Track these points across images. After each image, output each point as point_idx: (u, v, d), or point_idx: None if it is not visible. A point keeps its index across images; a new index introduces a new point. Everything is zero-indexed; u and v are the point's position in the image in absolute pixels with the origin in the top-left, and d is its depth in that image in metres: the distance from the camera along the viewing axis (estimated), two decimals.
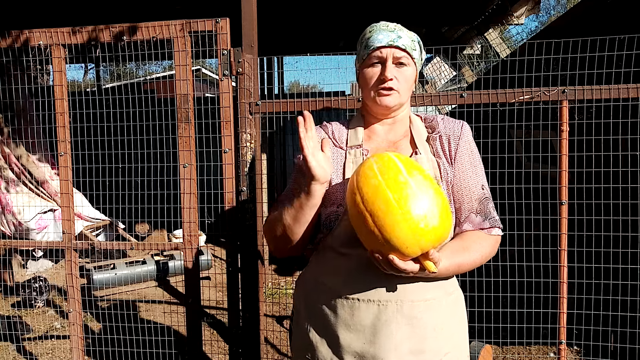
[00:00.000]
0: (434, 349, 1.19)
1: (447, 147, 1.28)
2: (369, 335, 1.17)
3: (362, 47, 1.28)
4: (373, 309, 1.17)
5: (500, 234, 1.29)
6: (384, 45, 1.23)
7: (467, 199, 1.26)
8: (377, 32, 1.25)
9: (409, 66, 1.26)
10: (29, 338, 3.50)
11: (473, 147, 1.30)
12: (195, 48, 2.09)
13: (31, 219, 5.00)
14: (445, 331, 1.22)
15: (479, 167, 1.29)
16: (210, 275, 4.55)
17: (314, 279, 1.29)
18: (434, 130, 1.31)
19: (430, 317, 1.19)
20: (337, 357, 1.20)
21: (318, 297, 1.26)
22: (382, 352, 1.16)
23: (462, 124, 1.31)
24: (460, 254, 1.20)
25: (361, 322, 1.18)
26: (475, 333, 2.94)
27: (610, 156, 2.29)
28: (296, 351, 1.34)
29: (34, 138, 4.82)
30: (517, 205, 2.34)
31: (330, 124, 1.38)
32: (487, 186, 1.30)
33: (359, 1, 4.81)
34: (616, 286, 2.20)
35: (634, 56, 2.16)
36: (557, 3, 20.81)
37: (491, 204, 1.28)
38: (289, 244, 1.27)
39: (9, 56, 2.22)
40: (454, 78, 6.60)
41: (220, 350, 3.20)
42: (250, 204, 2.11)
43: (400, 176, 1.04)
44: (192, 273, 2.17)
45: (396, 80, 1.24)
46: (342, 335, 1.20)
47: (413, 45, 1.26)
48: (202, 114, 4.74)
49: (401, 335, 1.16)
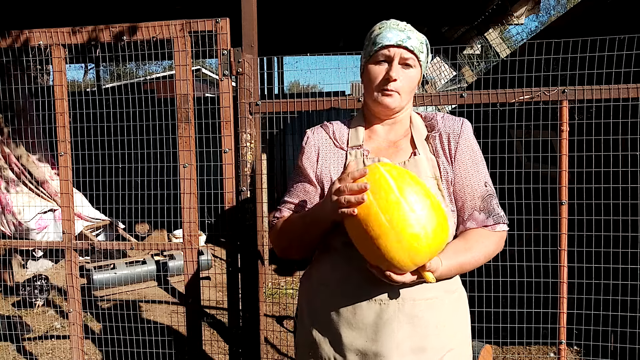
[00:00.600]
0: (436, 347, 1.20)
1: (447, 146, 1.27)
2: (371, 334, 1.18)
3: (370, 43, 1.27)
4: (375, 308, 1.18)
5: (505, 229, 1.28)
6: (393, 44, 1.22)
7: (469, 197, 1.26)
8: (387, 29, 1.24)
9: (415, 68, 1.25)
10: (29, 338, 3.51)
11: (474, 145, 1.29)
12: (195, 48, 2.09)
13: (31, 219, 5.00)
14: (448, 329, 1.22)
15: (480, 164, 1.29)
16: (210, 275, 4.52)
17: (317, 278, 1.29)
18: (434, 128, 1.30)
19: (432, 315, 1.19)
20: (340, 355, 1.21)
21: (321, 296, 1.27)
22: (384, 350, 1.16)
23: (463, 121, 1.30)
24: (462, 254, 1.20)
25: (363, 320, 1.18)
26: (476, 333, 2.94)
27: (610, 156, 2.29)
28: (299, 348, 1.35)
29: (34, 138, 4.82)
30: (517, 205, 2.34)
31: (331, 124, 1.38)
32: (490, 183, 1.29)
33: (359, 1, 4.81)
34: (616, 286, 2.20)
35: (634, 56, 2.16)
36: (557, 3, 20.82)
37: (495, 200, 1.27)
38: (302, 252, 1.31)
39: (9, 56, 2.23)
40: (454, 78, 6.60)
41: (220, 350, 3.20)
42: (250, 204, 2.11)
43: (392, 195, 1.04)
44: (192, 273, 2.17)
45: (400, 82, 1.24)
46: (344, 334, 1.20)
47: (421, 48, 1.25)
48: (202, 114, 4.74)
49: (403, 333, 1.17)
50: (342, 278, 1.22)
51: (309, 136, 1.36)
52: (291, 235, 1.28)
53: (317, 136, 1.35)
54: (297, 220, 1.26)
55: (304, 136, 1.37)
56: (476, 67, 6.30)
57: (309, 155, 1.33)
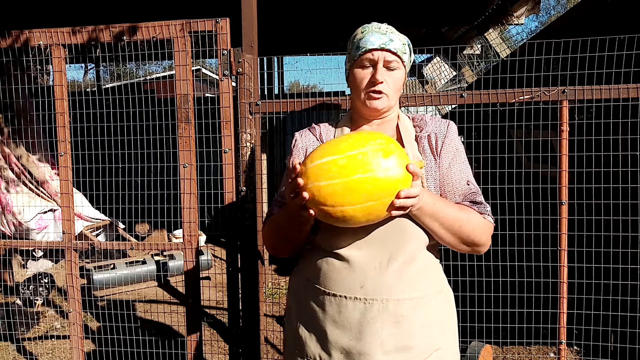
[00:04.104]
0: (422, 346, 1.21)
1: (434, 145, 1.31)
2: (356, 332, 1.19)
3: (353, 48, 1.30)
4: (359, 307, 1.19)
5: (492, 222, 1.29)
6: (376, 47, 1.25)
7: (450, 195, 1.29)
8: (369, 33, 1.27)
9: (399, 69, 1.28)
10: (29, 338, 3.51)
11: (458, 145, 1.33)
12: (195, 48, 2.09)
13: (31, 219, 5.00)
14: (434, 328, 1.23)
15: (463, 164, 1.31)
16: (210, 275, 4.55)
17: (305, 277, 1.32)
18: (422, 129, 1.34)
19: (417, 314, 1.20)
20: (325, 352, 1.23)
21: (308, 295, 1.29)
22: (369, 348, 1.18)
23: (449, 122, 1.34)
24: (449, 204, 1.22)
25: (348, 319, 1.20)
26: (476, 333, 2.94)
27: (610, 156, 2.29)
28: (287, 346, 1.37)
29: (34, 138, 4.82)
30: (517, 205, 2.34)
31: (319, 126, 1.42)
32: (474, 182, 1.31)
33: (359, 1, 4.81)
34: (616, 286, 2.20)
35: (634, 56, 2.15)
36: (557, 3, 20.82)
37: (480, 197, 1.29)
38: (289, 250, 1.33)
39: (9, 56, 2.22)
40: (454, 78, 6.60)
41: (220, 350, 3.20)
42: (250, 204, 2.11)
43: (317, 166, 1.06)
44: (192, 273, 2.17)
45: (386, 84, 1.26)
46: (329, 331, 1.22)
47: (404, 49, 1.28)
48: (202, 114, 4.73)
49: (387, 332, 1.18)
50: (327, 277, 1.24)
51: (297, 138, 1.41)
52: (276, 233, 1.31)
53: (305, 138, 1.40)
54: (280, 219, 1.29)
55: (293, 139, 1.42)
56: (476, 67, 6.30)
57: (298, 156, 1.38)
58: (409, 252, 1.20)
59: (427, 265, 1.25)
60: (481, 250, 1.29)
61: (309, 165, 1.07)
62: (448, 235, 1.22)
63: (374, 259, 1.19)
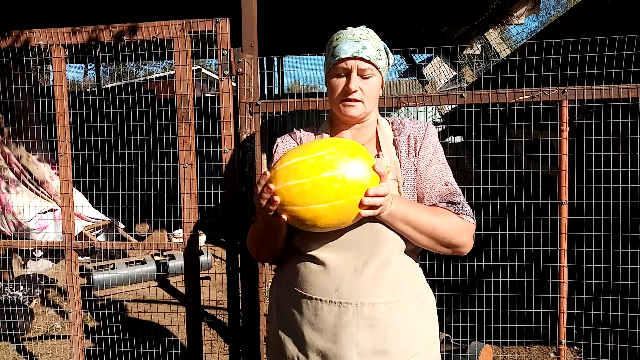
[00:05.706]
0: (399, 350, 1.20)
1: (413, 147, 1.32)
2: (331, 335, 1.20)
3: (328, 55, 1.30)
4: (335, 310, 1.19)
5: (472, 222, 1.28)
6: (349, 56, 1.24)
7: (427, 195, 1.29)
8: (343, 41, 1.26)
9: (374, 76, 1.28)
10: (29, 338, 3.51)
11: (437, 147, 1.33)
12: (195, 48, 2.09)
13: (31, 219, 5.00)
14: (411, 333, 1.22)
15: (442, 165, 1.32)
16: (210, 275, 4.55)
17: (285, 280, 1.32)
18: (401, 132, 1.34)
19: (393, 319, 1.20)
20: (303, 354, 1.24)
21: (286, 298, 1.30)
22: (344, 351, 1.18)
23: (427, 125, 1.35)
24: (419, 206, 1.23)
25: (324, 321, 1.20)
26: (476, 333, 2.94)
27: (610, 156, 2.29)
28: (269, 346, 1.38)
29: (34, 138, 4.82)
30: (517, 205, 2.34)
31: (299, 131, 1.43)
32: (453, 183, 1.31)
33: (359, 1, 4.81)
34: (616, 286, 2.20)
35: (634, 56, 2.15)
36: (557, 3, 20.83)
37: (458, 197, 1.29)
38: (269, 255, 1.36)
39: (9, 56, 2.22)
40: (454, 78, 6.60)
41: (220, 350, 3.20)
42: (250, 204, 2.11)
43: (284, 169, 1.09)
44: (192, 273, 2.17)
45: (361, 92, 1.26)
46: (307, 334, 1.23)
47: (378, 55, 1.27)
48: (202, 114, 4.73)
49: (362, 335, 1.18)
50: (304, 280, 1.24)
51: (278, 144, 1.43)
52: (256, 239, 1.32)
53: (285, 144, 1.42)
54: (257, 226, 1.30)
55: (274, 144, 1.44)
56: (476, 67, 6.30)
57: None
58: (385, 256, 1.20)
59: (404, 269, 1.25)
60: (462, 251, 1.29)
61: (278, 168, 1.10)
62: (423, 238, 1.22)
63: (349, 263, 1.20)
